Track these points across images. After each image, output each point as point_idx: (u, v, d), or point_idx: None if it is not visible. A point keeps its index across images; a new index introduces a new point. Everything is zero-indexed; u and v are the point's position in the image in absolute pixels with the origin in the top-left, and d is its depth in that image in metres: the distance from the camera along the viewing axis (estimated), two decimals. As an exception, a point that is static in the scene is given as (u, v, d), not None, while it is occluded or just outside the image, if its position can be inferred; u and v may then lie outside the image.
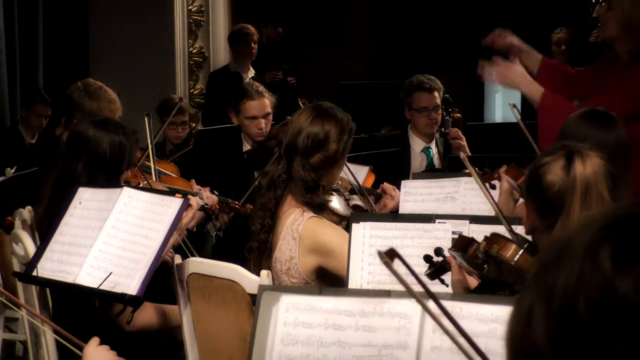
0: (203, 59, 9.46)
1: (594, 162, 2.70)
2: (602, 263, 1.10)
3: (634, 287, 1.07)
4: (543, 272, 1.16)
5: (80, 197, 3.70)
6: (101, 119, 4.08)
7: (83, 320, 3.72)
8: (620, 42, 4.36)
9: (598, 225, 1.14)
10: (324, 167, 3.67)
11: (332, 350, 2.10)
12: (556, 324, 1.11)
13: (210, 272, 3.58)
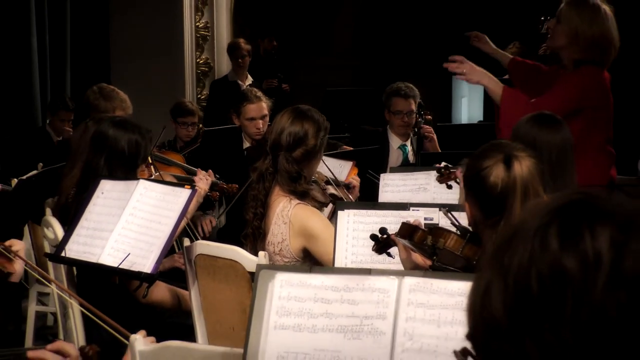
0: (209, 68, 9.45)
1: (528, 163, 2.69)
2: (550, 243, 1.10)
3: (578, 262, 1.08)
4: (499, 251, 1.16)
5: (102, 188, 3.70)
6: (120, 120, 4.08)
7: (105, 294, 3.72)
8: (567, 52, 4.38)
9: (545, 210, 1.15)
10: (304, 160, 3.70)
11: (321, 321, 2.10)
12: (511, 297, 1.12)
13: (215, 254, 3.58)
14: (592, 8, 4.32)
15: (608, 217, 1.11)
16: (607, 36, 4.32)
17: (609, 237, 1.08)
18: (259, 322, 2.12)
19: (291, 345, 2.10)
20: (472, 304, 1.18)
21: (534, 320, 1.09)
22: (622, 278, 1.07)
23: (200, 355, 2.37)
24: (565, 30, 4.36)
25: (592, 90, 4.30)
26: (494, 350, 1.14)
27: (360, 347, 2.07)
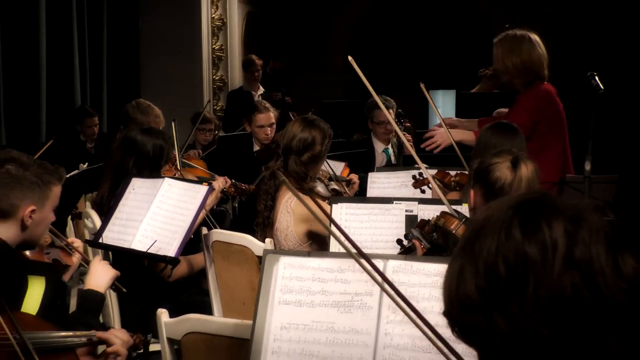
0: (223, 84, 9.47)
1: (531, 168, 2.75)
2: (514, 233, 1.12)
3: (538, 249, 1.10)
4: (470, 241, 1.16)
5: (133, 185, 3.70)
6: (146, 128, 4.10)
7: (136, 275, 3.72)
8: (513, 82, 4.43)
9: (508, 207, 1.16)
10: (311, 162, 3.72)
11: (318, 297, 2.10)
12: (482, 279, 1.13)
13: (229, 240, 3.59)
14: (511, 41, 4.38)
15: (560, 211, 1.13)
16: (530, 59, 4.36)
17: (562, 227, 1.10)
18: (266, 298, 2.11)
19: (293, 318, 2.09)
20: (448, 285, 1.18)
21: (502, 298, 1.10)
22: (575, 261, 1.09)
23: (215, 326, 2.36)
24: (500, 69, 4.45)
25: (541, 103, 4.35)
26: (468, 323, 1.15)
27: (352, 319, 2.07)
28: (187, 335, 2.37)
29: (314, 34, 11.73)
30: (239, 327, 2.27)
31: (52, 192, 2.64)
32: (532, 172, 2.74)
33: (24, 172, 2.57)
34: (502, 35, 4.44)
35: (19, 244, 2.62)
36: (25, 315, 2.31)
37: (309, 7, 11.68)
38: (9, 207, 2.55)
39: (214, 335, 2.33)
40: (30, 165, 2.61)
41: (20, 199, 2.55)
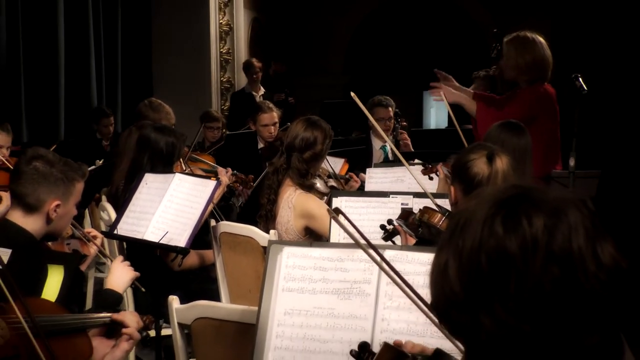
0: (230, 85, 9.47)
1: (506, 161, 2.72)
2: (496, 229, 1.08)
3: (519, 245, 1.07)
4: (454, 235, 1.13)
5: (146, 180, 3.69)
6: (159, 126, 4.09)
7: (148, 263, 3.72)
8: (517, 78, 4.44)
9: (491, 202, 1.13)
10: (312, 160, 3.71)
11: (319, 285, 2.10)
12: (465, 274, 1.10)
13: (235, 232, 3.59)
14: (522, 42, 4.39)
15: (540, 206, 1.09)
16: (541, 58, 4.38)
17: (542, 223, 1.07)
18: (270, 286, 2.11)
19: (295, 304, 2.10)
20: (434, 279, 1.16)
21: (486, 294, 1.08)
22: (554, 255, 1.06)
23: (223, 312, 2.36)
24: (509, 64, 4.44)
25: (541, 101, 4.35)
26: (454, 320, 1.13)
27: (351, 305, 2.07)
28: (197, 321, 2.37)
29: (316, 39, 11.73)
30: (245, 313, 2.28)
31: (75, 188, 2.65)
32: (507, 165, 2.70)
33: (51, 169, 2.58)
34: (514, 35, 4.45)
35: (43, 236, 2.63)
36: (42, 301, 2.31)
37: (310, 13, 11.67)
38: (36, 202, 2.56)
39: (222, 320, 2.33)
40: (56, 162, 2.62)
41: (46, 194, 2.57)
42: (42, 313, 2.06)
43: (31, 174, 2.56)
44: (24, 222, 2.56)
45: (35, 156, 2.61)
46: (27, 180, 2.56)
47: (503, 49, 4.50)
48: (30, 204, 2.56)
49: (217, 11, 9.26)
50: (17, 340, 1.92)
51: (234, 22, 9.51)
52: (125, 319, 2.15)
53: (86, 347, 2.09)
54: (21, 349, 1.92)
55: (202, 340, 2.40)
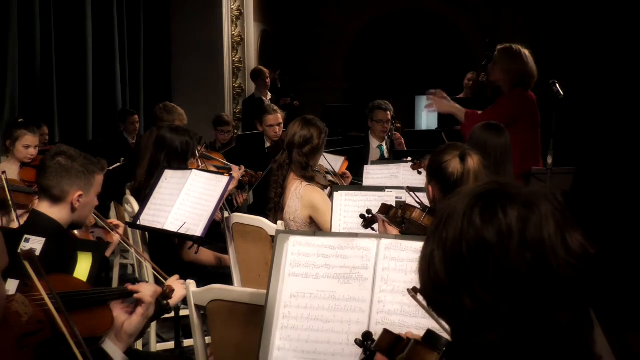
0: (241, 90, 9.44)
1: (477, 159, 2.70)
2: (475, 220, 1.10)
3: (496, 234, 1.08)
4: (438, 228, 1.15)
5: (165, 176, 3.70)
6: (175, 127, 4.08)
7: (167, 250, 3.72)
8: (502, 82, 4.46)
9: (470, 197, 1.14)
10: (311, 154, 3.73)
11: (322, 270, 2.10)
12: (449, 262, 1.11)
13: (246, 222, 3.58)
14: (515, 52, 4.45)
15: (515, 199, 1.10)
16: (527, 70, 4.41)
17: (516, 214, 1.08)
18: (278, 271, 2.11)
19: (300, 288, 2.09)
20: (421, 267, 1.17)
21: (467, 279, 1.09)
22: (527, 243, 1.07)
23: (235, 294, 2.36)
24: (499, 69, 4.50)
25: (522, 105, 4.36)
26: (440, 302, 1.14)
27: (350, 288, 2.06)
28: (212, 303, 2.37)
29: (318, 49, 11.72)
30: (255, 296, 2.27)
31: (95, 179, 2.65)
32: (478, 163, 2.69)
33: (73, 163, 2.59)
34: (506, 45, 4.52)
35: (69, 224, 2.63)
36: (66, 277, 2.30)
37: (313, 26, 11.66)
38: (60, 193, 2.56)
39: (234, 302, 2.33)
40: (77, 157, 2.62)
41: (69, 186, 2.57)
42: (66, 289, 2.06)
43: (55, 168, 2.57)
44: (51, 212, 2.57)
45: (59, 152, 2.62)
46: (52, 174, 2.57)
47: (496, 55, 4.54)
48: (55, 195, 2.56)
49: (230, 24, 9.26)
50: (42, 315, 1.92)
51: (245, 33, 9.50)
52: (139, 288, 2.14)
53: (107, 318, 2.08)
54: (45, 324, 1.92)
55: (216, 320, 2.39)
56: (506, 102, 4.37)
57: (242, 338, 2.31)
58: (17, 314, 1.87)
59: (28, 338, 1.87)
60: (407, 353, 1.26)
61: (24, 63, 6.32)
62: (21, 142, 4.58)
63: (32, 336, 1.88)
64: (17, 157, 4.59)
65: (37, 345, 1.88)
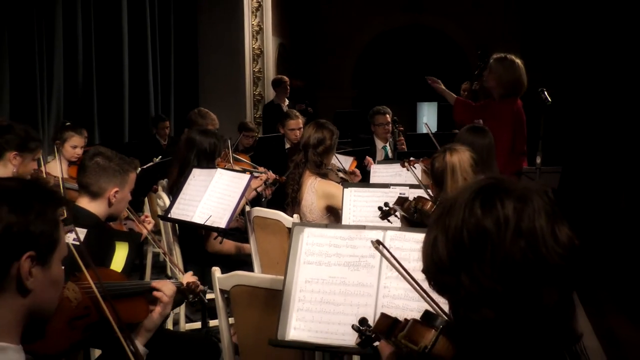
0: (261, 97, 9.45)
1: (460, 154, 2.75)
2: (475, 210, 1.11)
3: (494, 223, 1.09)
4: (441, 216, 1.15)
5: (193, 174, 3.70)
6: (204, 129, 4.09)
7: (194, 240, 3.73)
8: (495, 90, 4.43)
9: (471, 190, 1.15)
10: (324, 153, 3.75)
11: (333, 258, 2.09)
12: (451, 246, 1.12)
13: (265, 215, 3.58)
14: (509, 62, 4.42)
15: (511, 193, 1.11)
16: (519, 79, 4.40)
17: (512, 206, 1.09)
18: (294, 259, 2.11)
19: (314, 274, 2.09)
20: (425, 251, 1.18)
21: (467, 262, 1.10)
22: (522, 232, 1.08)
23: (256, 280, 2.36)
24: (493, 77, 4.46)
25: (516, 114, 4.36)
26: (441, 281, 1.15)
27: (359, 275, 2.06)
28: (235, 287, 2.37)
29: (329, 60, 11.73)
30: (274, 281, 2.27)
31: (129, 177, 2.66)
32: (457, 159, 2.75)
33: (109, 163, 2.60)
34: (501, 55, 4.49)
35: (106, 217, 2.64)
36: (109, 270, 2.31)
37: (325, 40, 11.68)
38: (99, 190, 2.57)
39: (255, 287, 2.33)
40: (113, 157, 2.63)
41: (107, 183, 2.58)
42: (109, 280, 2.07)
43: (94, 167, 2.58)
44: (90, 206, 2.58)
45: (97, 153, 2.63)
46: (91, 172, 2.58)
47: (491, 64, 4.49)
48: (94, 192, 2.57)
49: (251, 38, 9.27)
50: (88, 302, 1.93)
51: (264, 46, 9.51)
52: (160, 286, 2.13)
53: (143, 308, 2.08)
54: (91, 309, 1.93)
55: (238, 303, 2.40)
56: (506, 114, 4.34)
57: (261, 319, 2.32)
58: (67, 300, 1.88)
59: (77, 321, 1.88)
60: (407, 331, 1.26)
61: (68, 74, 6.37)
62: (69, 142, 4.62)
63: (80, 319, 1.89)
64: (65, 156, 4.63)
65: (85, 328, 1.89)
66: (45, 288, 1.27)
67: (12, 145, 3.16)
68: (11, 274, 1.22)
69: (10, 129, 3.19)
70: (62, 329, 1.83)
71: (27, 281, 1.23)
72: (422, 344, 1.21)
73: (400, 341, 1.26)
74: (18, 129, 3.21)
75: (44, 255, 1.25)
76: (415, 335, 1.24)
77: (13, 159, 3.17)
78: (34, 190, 1.28)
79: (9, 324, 1.24)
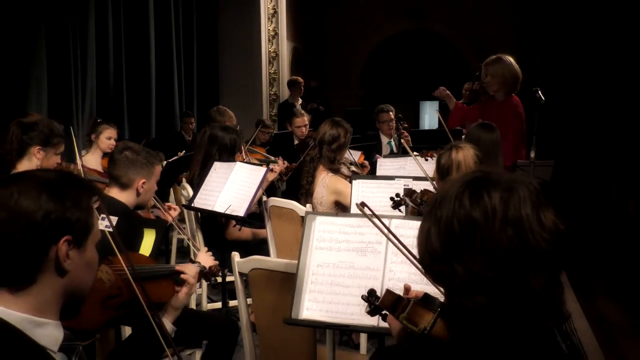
0: (276, 97, 9.44)
1: (465, 151, 2.73)
2: (464, 202, 1.09)
3: (482, 214, 1.07)
4: (434, 208, 1.14)
5: (214, 167, 3.70)
6: (224, 126, 4.09)
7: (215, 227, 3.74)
8: (499, 91, 4.37)
9: (460, 183, 1.13)
10: (338, 150, 3.72)
11: (343, 244, 2.10)
12: (443, 237, 1.11)
13: (281, 205, 3.59)
14: (506, 61, 4.36)
15: (497, 184, 1.10)
16: (516, 75, 4.34)
17: (499, 196, 1.08)
18: (307, 245, 2.11)
19: (325, 259, 2.09)
20: (420, 241, 1.17)
21: (458, 251, 1.08)
22: (509, 220, 1.06)
23: (272, 264, 2.37)
24: (497, 80, 4.37)
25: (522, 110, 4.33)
26: (436, 270, 1.13)
27: (366, 260, 2.06)
28: (253, 270, 2.38)
29: (340, 63, 11.71)
30: (288, 265, 2.28)
31: (155, 169, 2.68)
32: (465, 155, 2.71)
33: (137, 156, 2.61)
34: (497, 56, 4.41)
35: (134, 206, 2.66)
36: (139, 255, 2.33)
37: (335, 44, 11.65)
38: (128, 181, 2.59)
39: (271, 270, 2.33)
40: (140, 151, 2.64)
41: (135, 175, 2.59)
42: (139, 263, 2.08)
43: (123, 160, 2.59)
44: (120, 196, 2.59)
45: (125, 147, 2.65)
46: (120, 165, 2.59)
47: (490, 68, 4.39)
48: (123, 183, 2.59)
49: (267, 42, 9.26)
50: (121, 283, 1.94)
51: (279, 50, 9.49)
52: (184, 269, 2.14)
53: (170, 288, 2.10)
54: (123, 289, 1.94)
55: (256, 285, 2.41)
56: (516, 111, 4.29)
57: (277, 300, 2.32)
58: (101, 281, 1.90)
59: (110, 300, 1.90)
60: (407, 312, 1.26)
61: (100, 74, 6.39)
62: (104, 134, 4.70)
63: (113, 299, 1.91)
64: (101, 147, 4.69)
65: (117, 306, 1.91)
66: (81, 269, 1.28)
67: (35, 140, 3.18)
68: (50, 256, 1.23)
69: (34, 126, 3.21)
70: (97, 308, 1.85)
71: (65, 263, 1.24)
72: (422, 326, 1.21)
73: (402, 322, 1.26)
74: (42, 126, 3.23)
75: (79, 240, 1.27)
76: (415, 317, 1.24)
77: (37, 154, 3.18)
78: (70, 181, 1.29)
79: (49, 302, 1.25)
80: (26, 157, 3.18)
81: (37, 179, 1.25)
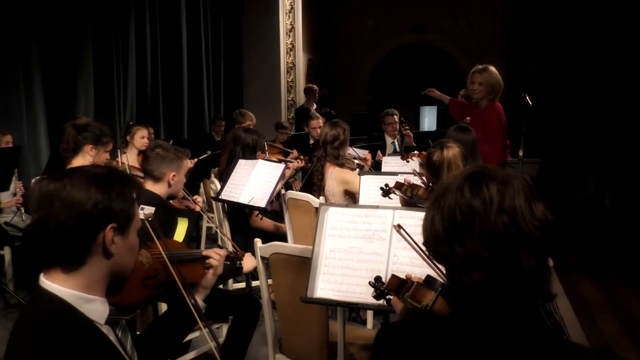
0: (293, 103, 9.43)
1: (454, 150, 2.69)
2: (465, 193, 1.10)
3: (481, 203, 1.08)
4: (438, 198, 1.14)
5: (239, 164, 3.71)
6: (247, 128, 4.10)
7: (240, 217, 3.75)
8: (485, 98, 4.31)
9: (461, 176, 1.14)
10: (340, 146, 3.72)
11: (352, 232, 2.09)
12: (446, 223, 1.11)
13: (297, 197, 3.59)
14: (492, 70, 4.28)
15: (494, 178, 1.10)
16: (501, 84, 4.26)
17: (496, 188, 1.08)
18: (320, 232, 2.11)
19: (336, 245, 2.09)
20: (425, 227, 1.17)
21: (459, 234, 1.09)
22: (504, 209, 1.07)
23: (290, 249, 2.37)
24: (484, 88, 4.28)
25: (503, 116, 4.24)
26: (439, 251, 1.13)
27: (373, 246, 2.06)
28: (273, 255, 2.38)
29: (349, 72, 11.68)
30: (304, 250, 2.28)
31: (183, 163, 2.69)
32: (454, 153, 2.68)
33: (167, 153, 2.63)
34: (483, 66, 4.31)
35: (167, 197, 2.67)
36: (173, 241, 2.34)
37: (345, 56, 11.61)
38: (160, 175, 2.60)
39: (289, 255, 2.34)
40: (169, 148, 2.66)
41: (166, 169, 2.60)
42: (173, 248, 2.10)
43: (155, 156, 2.61)
44: (154, 188, 2.60)
45: (156, 145, 2.67)
46: (153, 161, 2.60)
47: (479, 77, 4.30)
48: (156, 176, 2.60)
49: (285, 54, 9.26)
50: (158, 265, 1.96)
51: (296, 61, 9.49)
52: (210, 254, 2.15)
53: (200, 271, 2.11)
54: (160, 271, 1.96)
55: (276, 267, 2.41)
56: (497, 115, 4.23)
57: (294, 281, 2.33)
58: (141, 264, 1.91)
59: (149, 280, 1.91)
60: (411, 292, 1.26)
61: (139, 81, 6.44)
62: (138, 134, 4.75)
63: (152, 279, 1.92)
64: (136, 146, 4.72)
65: (155, 286, 1.92)
66: (124, 253, 1.30)
67: (89, 139, 3.21)
68: (98, 241, 1.24)
69: (87, 127, 3.25)
70: (137, 286, 1.86)
71: (111, 247, 1.26)
72: (424, 303, 1.22)
73: (407, 300, 1.26)
74: (94, 127, 3.26)
75: (123, 227, 1.28)
76: (418, 296, 1.24)
77: (90, 151, 3.21)
78: (115, 175, 1.30)
79: (97, 281, 1.27)
80: (80, 155, 3.21)
81: (87, 173, 1.27)
